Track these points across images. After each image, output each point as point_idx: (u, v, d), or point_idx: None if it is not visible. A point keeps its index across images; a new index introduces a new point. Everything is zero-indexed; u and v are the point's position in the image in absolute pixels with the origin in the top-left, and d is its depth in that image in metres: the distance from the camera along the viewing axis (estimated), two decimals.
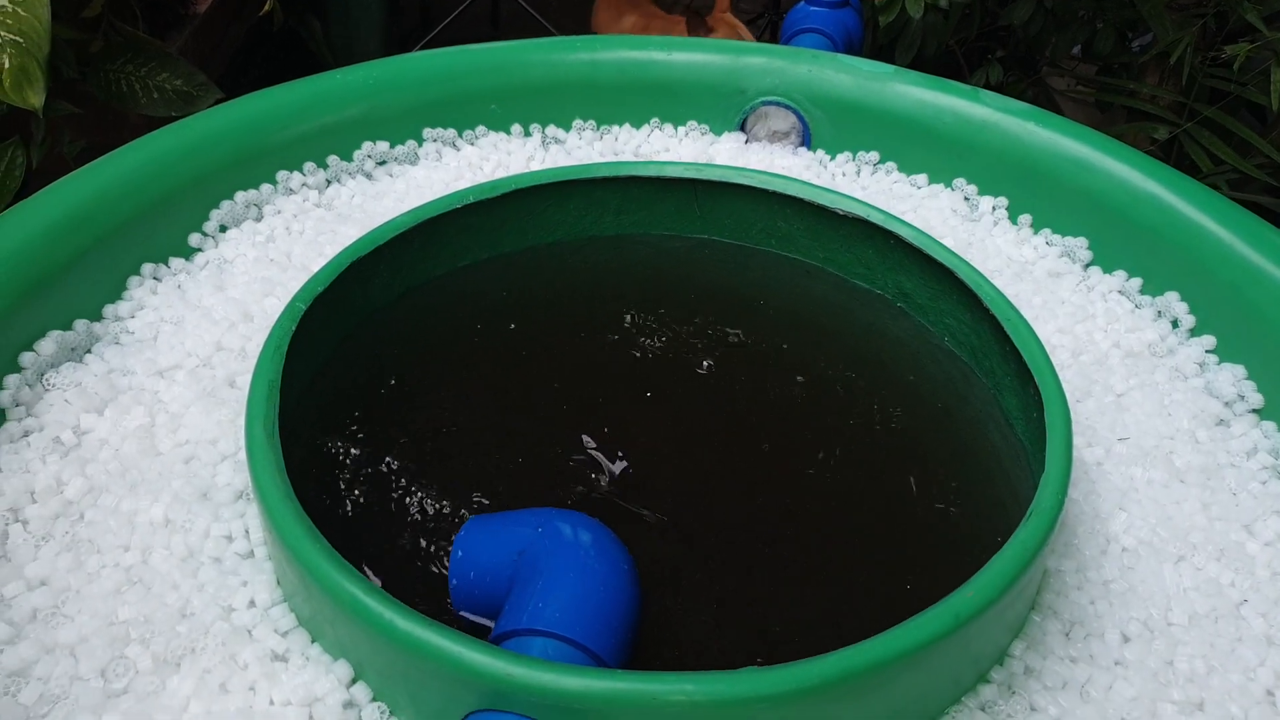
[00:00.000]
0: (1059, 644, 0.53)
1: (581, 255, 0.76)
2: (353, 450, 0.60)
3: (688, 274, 0.76)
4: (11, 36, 0.92)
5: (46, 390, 0.64)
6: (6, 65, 0.93)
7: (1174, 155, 1.35)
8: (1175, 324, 0.74)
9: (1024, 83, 1.48)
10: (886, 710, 0.48)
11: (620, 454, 0.61)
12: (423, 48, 1.93)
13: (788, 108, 0.91)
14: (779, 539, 0.57)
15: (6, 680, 0.49)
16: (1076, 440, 0.64)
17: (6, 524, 0.56)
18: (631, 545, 0.52)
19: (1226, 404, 0.68)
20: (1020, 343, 0.60)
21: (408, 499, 0.58)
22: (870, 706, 0.47)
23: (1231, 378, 0.69)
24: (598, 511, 0.54)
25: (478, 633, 0.51)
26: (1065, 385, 0.66)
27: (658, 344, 0.69)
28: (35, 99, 0.93)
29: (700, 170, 0.75)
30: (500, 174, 0.86)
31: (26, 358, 0.64)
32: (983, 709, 0.50)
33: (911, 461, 0.62)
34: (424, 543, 0.56)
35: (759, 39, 1.81)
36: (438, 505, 0.58)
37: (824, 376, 0.67)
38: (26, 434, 0.61)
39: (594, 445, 0.61)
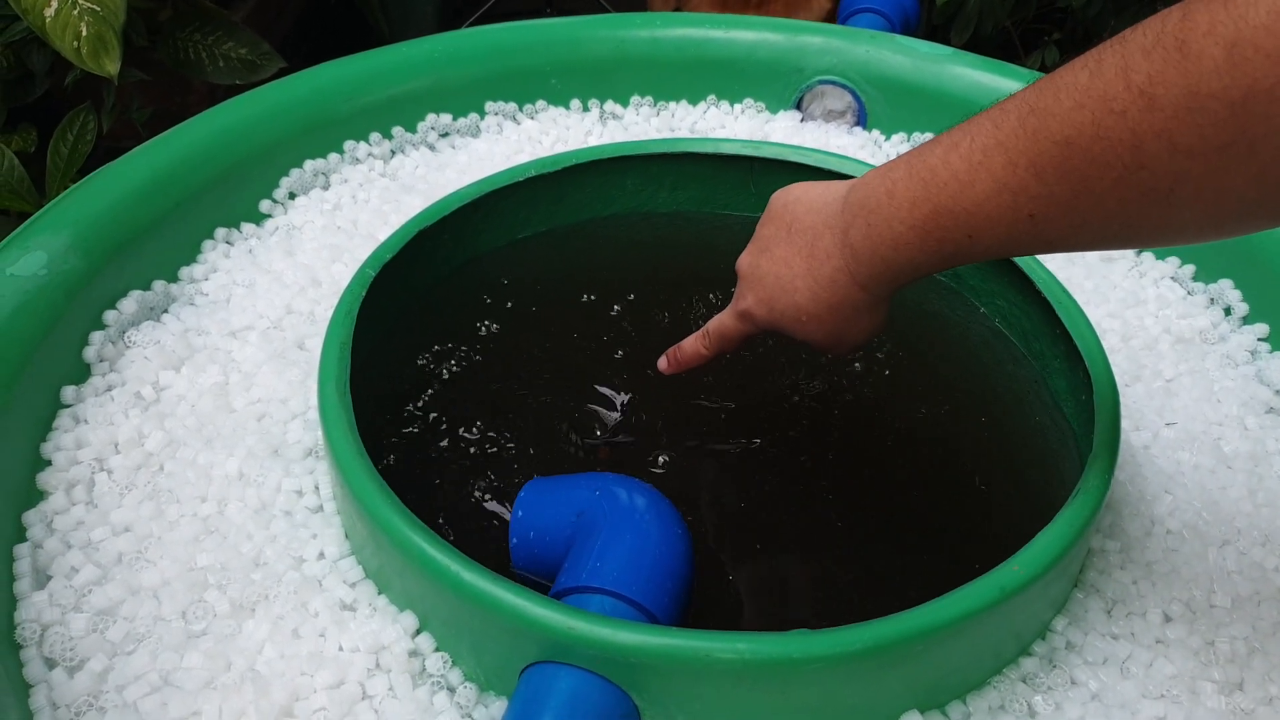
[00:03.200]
0: (1101, 621, 0.55)
1: (637, 230, 0.78)
2: (416, 411, 0.63)
3: (741, 250, 0.77)
4: (89, 5, 0.96)
5: (128, 347, 0.67)
6: (84, 34, 0.96)
7: None
8: (1228, 311, 0.74)
9: None
10: (929, 678, 0.49)
11: (674, 422, 0.63)
12: (478, 18, 1.95)
13: (844, 87, 0.92)
14: (829, 513, 0.59)
15: (95, 618, 0.52)
16: (1124, 424, 0.65)
17: (93, 472, 0.59)
18: (685, 513, 0.54)
19: (1277, 392, 0.69)
20: (1071, 325, 0.61)
21: (469, 459, 0.60)
22: (914, 674, 0.49)
23: None
24: (650, 474, 0.56)
25: (536, 590, 0.53)
26: (1114, 369, 0.66)
27: (707, 316, 0.71)
28: (111, 66, 0.97)
29: (756, 148, 0.76)
30: (559, 148, 0.88)
31: (110, 316, 0.67)
32: (1024, 680, 0.52)
33: (960, 440, 0.63)
34: (486, 501, 0.58)
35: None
36: (499, 465, 0.60)
37: (873, 354, 0.68)
38: (110, 388, 0.65)
39: (647, 410, 0.63)
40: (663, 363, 0.61)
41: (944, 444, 0.63)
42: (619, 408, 0.64)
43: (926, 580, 0.53)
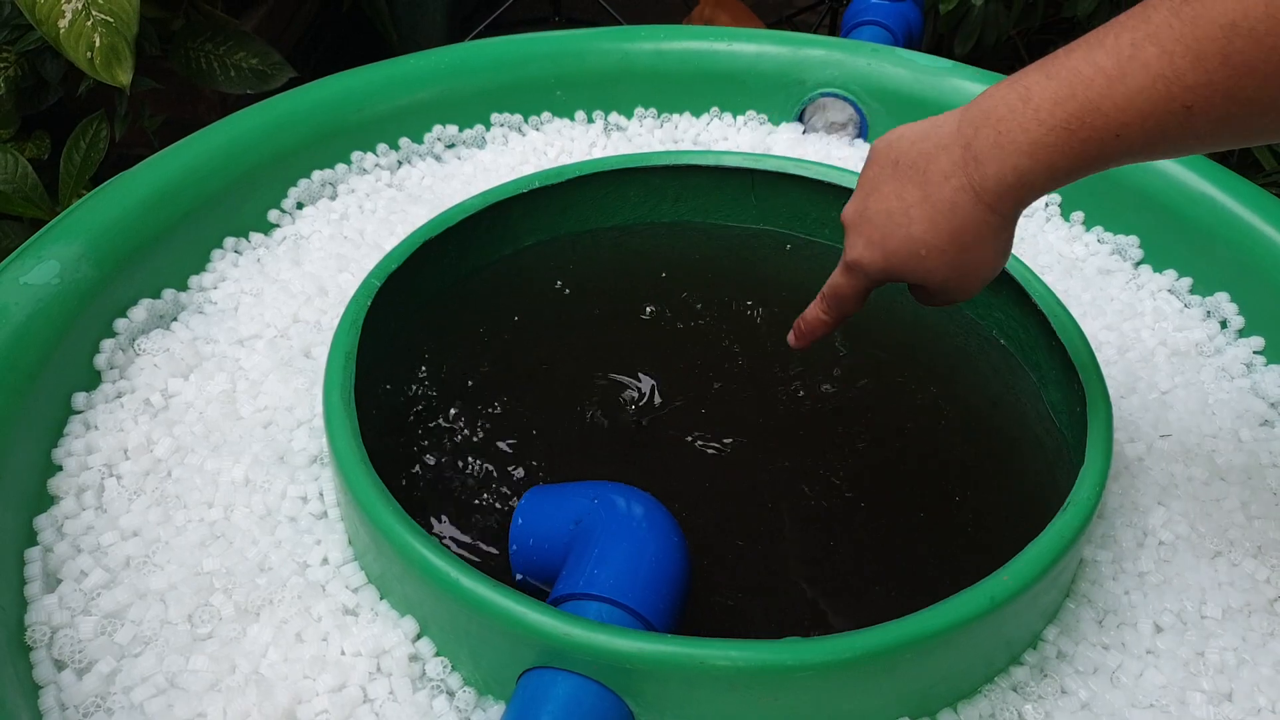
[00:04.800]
0: (1092, 631, 0.55)
1: (639, 240, 0.79)
2: (419, 420, 0.64)
3: (742, 261, 0.78)
4: (103, 16, 0.97)
5: (138, 355, 0.68)
6: (98, 44, 0.98)
7: (1236, 153, 1.34)
8: (1224, 324, 0.75)
9: None
10: (921, 686, 0.50)
11: (672, 432, 0.64)
12: (486, 28, 1.96)
13: (846, 100, 0.92)
14: (824, 521, 0.60)
15: (104, 621, 0.53)
16: (1118, 435, 0.66)
17: (103, 478, 0.61)
18: (682, 521, 0.55)
19: (1272, 405, 0.69)
20: (1065, 337, 0.62)
21: (471, 467, 0.61)
22: (905, 681, 0.49)
23: (1278, 379, 0.70)
24: (645, 476, 0.56)
25: (535, 596, 0.54)
26: (1110, 381, 0.67)
27: (709, 327, 0.72)
28: (124, 77, 0.98)
29: (757, 160, 0.77)
30: (563, 159, 0.89)
31: (120, 324, 0.69)
32: (1014, 689, 0.53)
33: (956, 450, 0.64)
34: (486, 509, 0.59)
35: (817, 30, 1.82)
36: (500, 473, 0.61)
37: (872, 365, 0.69)
38: (120, 395, 0.66)
39: (648, 420, 0.64)
40: (791, 337, 0.59)
41: (941, 455, 0.64)
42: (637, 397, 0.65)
43: (920, 589, 0.54)
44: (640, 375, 0.67)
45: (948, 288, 0.50)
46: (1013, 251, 0.72)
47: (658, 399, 0.66)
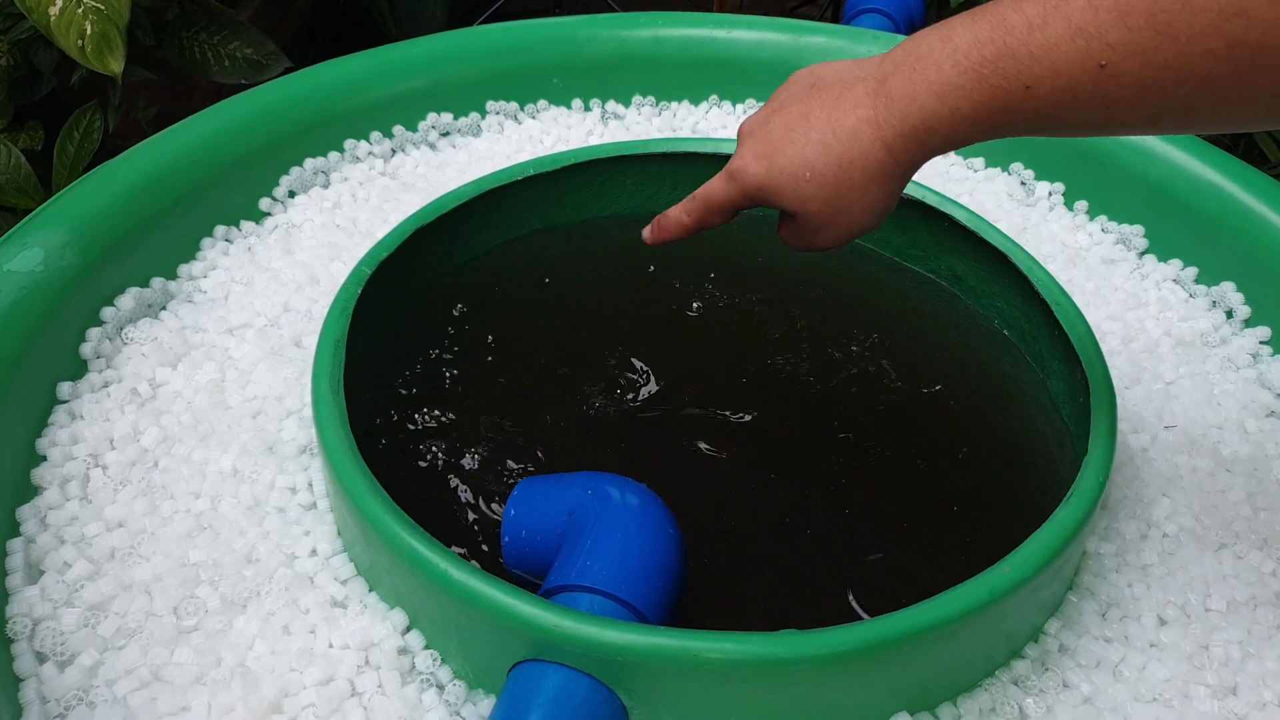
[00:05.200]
0: (1095, 624, 0.54)
1: (636, 229, 0.77)
2: (411, 409, 0.63)
3: (740, 250, 0.77)
4: (94, 4, 0.96)
5: (125, 344, 0.67)
6: (89, 32, 0.96)
7: (1242, 144, 1.33)
8: (1230, 314, 0.74)
9: None
10: (919, 680, 0.49)
11: (669, 423, 0.63)
12: (487, 18, 1.95)
13: None
14: (825, 513, 0.58)
15: (87, 613, 0.52)
16: (1122, 426, 0.65)
17: (88, 468, 0.60)
18: (677, 512, 0.54)
19: (1278, 395, 0.68)
20: (1069, 327, 0.61)
21: (463, 457, 0.60)
22: (903, 675, 0.48)
23: None
24: (639, 467, 0.55)
25: (526, 588, 0.53)
26: (1114, 372, 0.66)
27: (707, 317, 0.71)
28: (115, 65, 0.97)
29: None
30: (560, 148, 0.88)
31: (107, 312, 0.67)
32: (1015, 683, 0.52)
33: (958, 441, 0.63)
34: (478, 500, 0.58)
35: (820, 18, 1.80)
36: (492, 464, 0.60)
37: (874, 355, 0.68)
38: (106, 385, 0.65)
39: (643, 411, 0.63)
40: (646, 232, 0.58)
41: (942, 446, 0.63)
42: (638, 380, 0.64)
43: (921, 581, 0.53)
44: (636, 365, 0.66)
45: (816, 224, 0.49)
46: (1017, 240, 0.71)
47: (654, 389, 0.65)
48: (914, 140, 0.45)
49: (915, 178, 0.50)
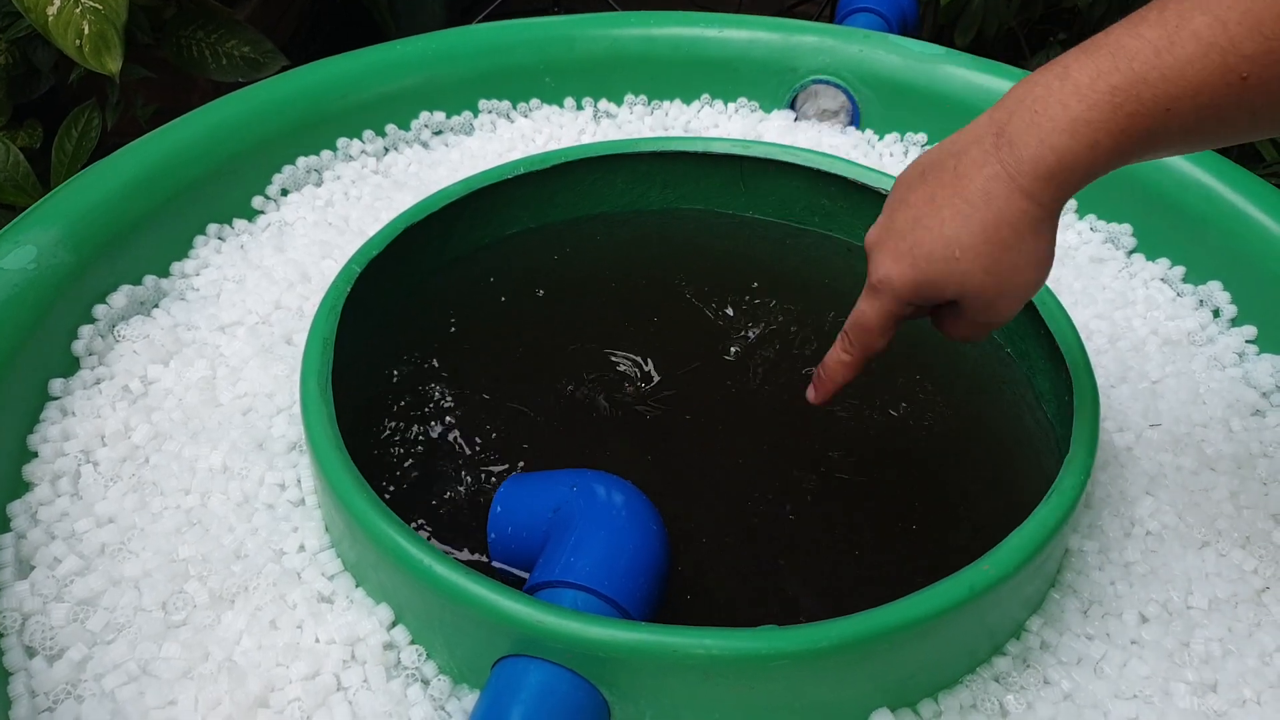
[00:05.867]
0: (1076, 621, 0.55)
1: (627, 227, 0.78)
2: (400, 407, 0.63)
3: (731, 249, 0.78)
4: (91, 3, 0.96)
5: (117, 341, 0.68)
6: (86, 32, 0.97)
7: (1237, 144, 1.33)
8: (1216, 313, 0.74)
9: None
10: (900, 676, 0.49)
11: (656, 421, 0.63)
12: (486, 17, 1.95)
13: (838, 87, 0.92)
14: (810, 510, 0.59)
15: (76, 608, 0.53)
16: (1108, 425, 0.65)
17: (79, 464, 0.60)
18: (664, 509, 0.54)
19: (1264, 394, 0.68)
20: (1053, 325, 0.61)
21: (451, 454, 0.61)
22: (883, 671, 0.49)
23: (1270, 368, 0.69)
24: (626, 464, 0.56)
25: (512, 584, 0.53)
26: (1100, 370, 0.66)
27: (697, 316, 0.71)
28: (113, 65, 0.98)
29: (746, 147, 0.76)
30: (552, 146, 0.88)
31: (99, 310, 0.68)
32: (997, 680, 0.52)
33: (944, 439, 0.63)
34: (464, 496, 0.59)
35: (817, 18, 1.81)
36: (479, 461, 0.60)
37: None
38: (98, 381, 0.65)
39: (631, 408, 0.63)
40: (810, 391, 0.55)
41: (928, 443, 0.63)
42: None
43: (904, 578, 0.53)
44: (626, 363, 0.67)
45: (985, 298, 0.45)
46: None
47: (643, 387, 0.65)
48: (1052, 183, 0.42)
49: None
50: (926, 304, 0.49)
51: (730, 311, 0.71)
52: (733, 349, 0.68)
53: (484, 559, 0.55)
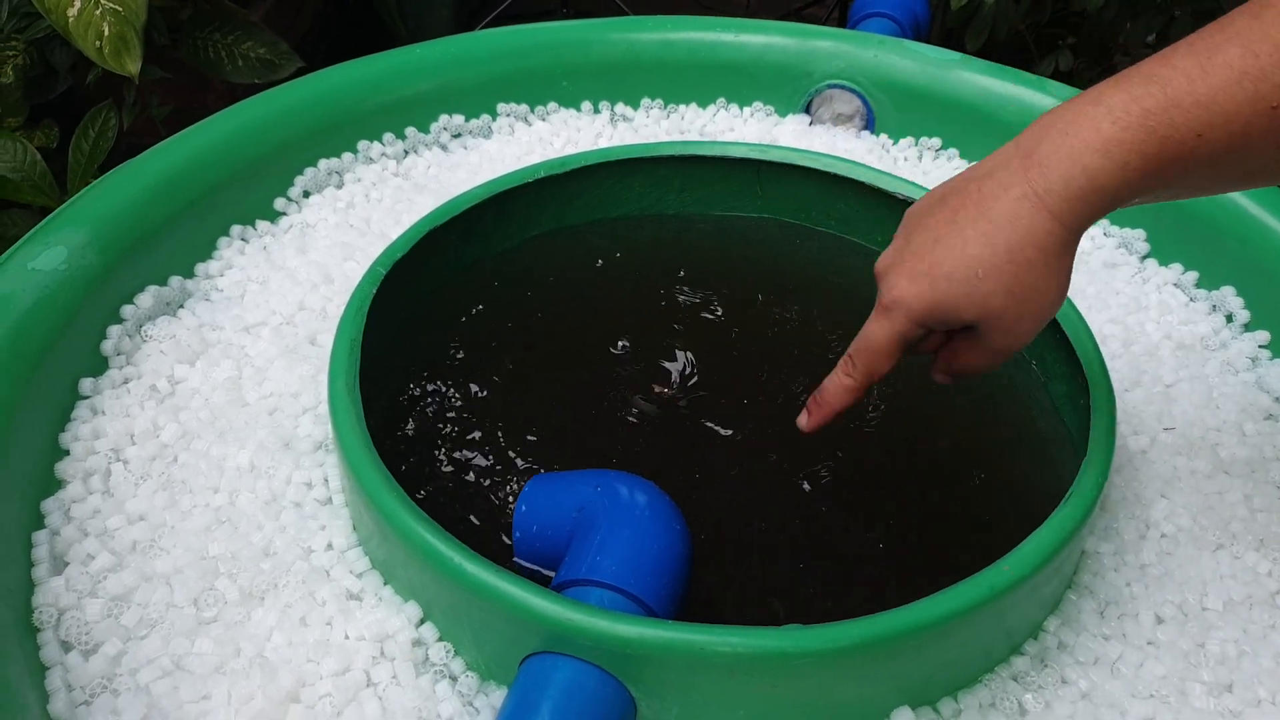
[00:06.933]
0: (1093, 622, 0.55)
1: (645, 231, 0.79)
2: (423, 407, 0.64)
3: (747, 252, 0.79)
4: (111, 5, 0.97)
5: (144, 341, 0.69)
6: (106, 33, 0.98)
7: None
8: (1230, 318, 0.75)
9: (1095, 71, 1.47)
10: (921, 675, 0.50)
11: (676, 421, 0.64)
12: (494, 19, 1.96)
13: (853, 91, 0.92)
14: (831, 512, 0.60)
15: (110, 604, 0.54)
16: (1122, 429, 0.66)
17: (110, 463, 0.61)
18: (685, 509, 0.55)
19: (1277, 399, 0.69)
20: (1070, 330, 0.62)
21: (476, 454, 0.61)
22: (905, 670, 0.49)
23: None
24: (648, 465, 0.57)
25: (537, 582, 0.54)
26: (1114, 375, 0.67)
27: (715, 318, 0.72)
28: (132, 66, 0.99)
29: (763, 151, 0.77)
30: (569, 150, 0.89)
31: (127, 310, 0.69)
32: (1014, 679, 0.53)
33: (962, 442, 0.64)
34: (490, 495, 0.59)
35: (826, 22, 1.81)
36: (504, 460, 0.61)
37: None
38: (126, 381, 0.66)
39: (652, 410, 0.64)
40: (802, 418, 0.53)
41: (945, 447, 0.64)
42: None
43: (923, 579, 0.54)
44: (646, 365, 0.68)
45: (1003, 323, 0.45)
46: None
47: (664, 388, 0.66)
48: (1082, 202, 0.42)
49: (920, 180, 0.51)
50: (940, 328, 0.48)
51: (747, 314, 0.72)
52: (751, 352, 0.69)
53: (509, 557, 0.56)
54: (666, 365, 0.68)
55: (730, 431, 0.64)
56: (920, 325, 0.47)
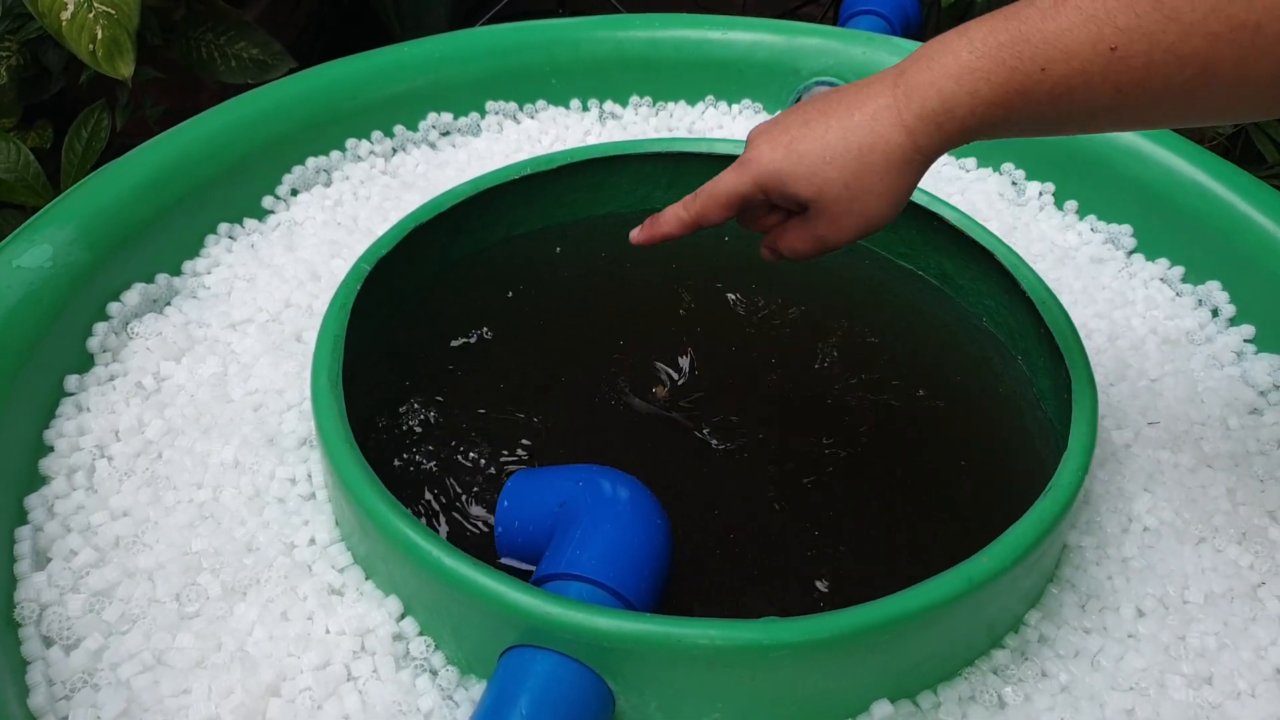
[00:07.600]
0: (1074, 615, 0.56)
1: (632, 228, 0.79)
2: (408, 403, 0.64)
3: (735, 248, 0.79)
4: (104, 9, 0.98)
5: (130, 338, 0.69)
6: (100, 36, 0.98)
7: (1239, 146, 1.34)
8: (1215, 313, 0.75)
9: None
10: (900, 667, 0.50)
11: (660, 417, 0.64)
12: (490, 18, 1.96)
13: None
14: (813, 505, 0.60)
15: (92, 599, 0.54)
16: (1106, 423, 0.66)
17: (94, 459, 0.61)
18: (666, 503, 0.55)
19: (1261, 393, 0.69)
20: (1053, 324, 0.62)
21: (458, 450, 0.62)
22: (884, 662, 0.50)
23: (1268, 367, 0.70)
24: (630, 460, 0.57)
25: (518, 577, 0.54)
26: (1099, 369, 0.67)
27: (701, 315, 0.72)
28: (125, 69, 0.99)
29: None
30: (558, 147, 0.90)
31: (114, 307, 0.69)
32: (995, 672, 0.53)
33: (945, 435, 0.64)
34: (472, 491, 0.60)
35: (821, 20, 1.81)
36: (486, 456, 0.61)
37: (863, 352, 0.69)
38: (112, 378, 0.66)
39: (637, 406, 0.64)
40: (636, 232, 0.59)
41: (929, 441, 0.64)
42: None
43: (906, 572, 0.54)
44: (630, 361, 0.68)
45: (832, 212, 0.50)
46: (1007, 239, 0.73)
47: (647, 385, 0.66)
48: (933, 123, 0.47)
49: None
50: (779, 200, 0.53)
51: (735, 309, 0.72)
52: (738, 348, 0.69)
53: (490, 553, 0.56)
54: (655, 362, 0.68)
55: (718, 426, 0.64)
56: (761, 189, 0.52)
